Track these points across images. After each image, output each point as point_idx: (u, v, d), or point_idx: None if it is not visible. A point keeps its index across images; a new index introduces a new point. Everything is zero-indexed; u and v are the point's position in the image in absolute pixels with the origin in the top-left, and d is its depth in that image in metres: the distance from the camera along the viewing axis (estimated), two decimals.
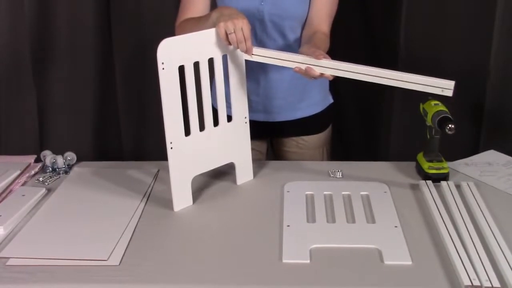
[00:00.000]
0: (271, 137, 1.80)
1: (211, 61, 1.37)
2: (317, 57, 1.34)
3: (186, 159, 1.37)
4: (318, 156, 1.77)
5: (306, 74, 1.35)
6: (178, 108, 1.32)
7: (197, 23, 1.44)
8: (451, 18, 2.07)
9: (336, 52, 1.43)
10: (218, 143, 1.44)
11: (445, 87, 1.27)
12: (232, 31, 1.32)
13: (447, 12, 2.07)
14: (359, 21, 2.20)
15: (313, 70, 1.33)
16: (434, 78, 1.28)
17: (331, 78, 1.35)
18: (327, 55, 1.37)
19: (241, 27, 1.33)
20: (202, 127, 1.39)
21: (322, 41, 1.52)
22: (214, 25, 1.36)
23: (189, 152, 1.37)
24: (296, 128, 1.73)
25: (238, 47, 1.35)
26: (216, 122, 1.42)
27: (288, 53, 1.38)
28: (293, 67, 1.36)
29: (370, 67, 1.32)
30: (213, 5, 1.59)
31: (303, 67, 1.34)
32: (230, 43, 1.35)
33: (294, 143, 1.76)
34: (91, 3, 2.21)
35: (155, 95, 1.29)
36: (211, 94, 1.40)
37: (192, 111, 1.36)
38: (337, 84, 1.35)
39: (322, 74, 1.34)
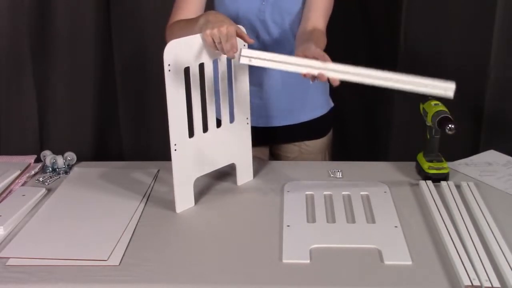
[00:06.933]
0: (272, 144, 1.77)
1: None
2: (325, 61, 1.29)
3: (189, 161, 1.37)
4: (320, 160, 1.76)
5: (314, 79, 1.29)
6: (183, 110, 1.32)
7: (186, 26, 1.41)
8: (451, 18, 2.07)
9: (335, 52, 1.42)
10: (220, 144, 1.43)
11: (447, 88, 1.27)
12: (219, 40, 1.28)
13: (447, 12, 2.07)
14: (359, 21, 2.20)
15: (324, 76, 1.27)
16: (437, 80, 1.27)
17: (337, 83, 1.28)
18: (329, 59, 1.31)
19: (225, 34, 1.28)
20: (205, 129, 1.39)
21: (321, 40, 1.50)
22: (200, 30, 1.32)
23: (192, 153, 1.37)
24: (298, 132, 1.71)
25: (228, 55, 1.31)
26: (218, 124, 1.42)
27: (294, 57, 1.32)
28: (302, 71, 1.28)
29: (377, 70, 1.28)
30: (208, 6, 1.56)
31: (314, 71, 1.28)
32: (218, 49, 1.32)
33: (296, 148, 1.74)
34: (91, 3, 2.21)
35: (155, 95, 1.29)
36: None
37: (197, 112, 1.36)
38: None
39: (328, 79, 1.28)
